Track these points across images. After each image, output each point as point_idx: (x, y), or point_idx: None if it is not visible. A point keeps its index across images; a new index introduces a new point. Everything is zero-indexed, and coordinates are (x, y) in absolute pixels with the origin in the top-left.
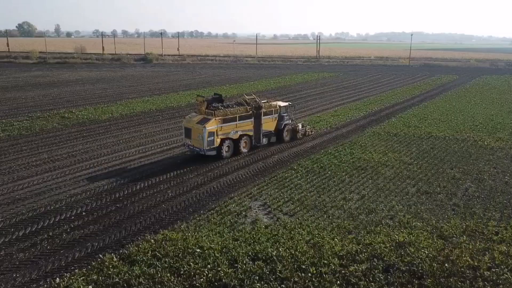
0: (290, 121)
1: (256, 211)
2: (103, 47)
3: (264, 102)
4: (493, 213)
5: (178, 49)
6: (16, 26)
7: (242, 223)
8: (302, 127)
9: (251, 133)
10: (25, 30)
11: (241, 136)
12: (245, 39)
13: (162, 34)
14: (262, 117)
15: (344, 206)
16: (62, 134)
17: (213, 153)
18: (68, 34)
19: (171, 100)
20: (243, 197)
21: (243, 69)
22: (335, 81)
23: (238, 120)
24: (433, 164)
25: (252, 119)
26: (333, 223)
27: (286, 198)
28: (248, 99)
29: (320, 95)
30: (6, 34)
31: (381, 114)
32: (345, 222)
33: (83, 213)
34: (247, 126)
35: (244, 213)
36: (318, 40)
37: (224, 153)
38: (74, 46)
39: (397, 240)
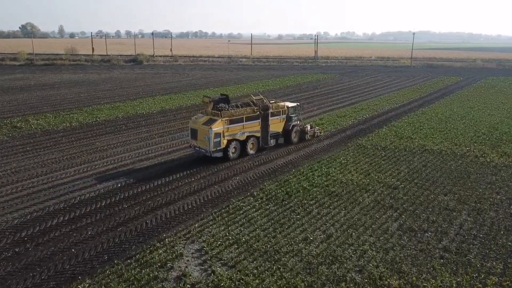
0: (298, 122)
1: (188, 260)
2: (92, 48)
3: (272, 103)
4: (494, 263)
5: (171, 50)
6: (19, 27)
7: (163, 280)
8: (310, 128)
9: (258, 134)
10: (28, 31)
11: (248, 137)
12: (248, 39)
13: (153, 34)
14: (270, 118)
15: (303, 251)
16: (3, 148)
17: (220, 154)
18: (72, 35)
19: (144, 106)
20: (178, 238)
21: (235, 71)
22: (329, 84)
23: (245, 121)
24: (423, 189)
25: (259, 120)
26: (282, 280)
27: (231, 240)
28: (255, 99)
29: (309, 100)
30: None
31: (372, 122)
32: (298, 277)
33: None
34: (254, 127)
35: (170, 263)
36: (316, 40)
37: (231, 155)
38: (64, 47)
39: None
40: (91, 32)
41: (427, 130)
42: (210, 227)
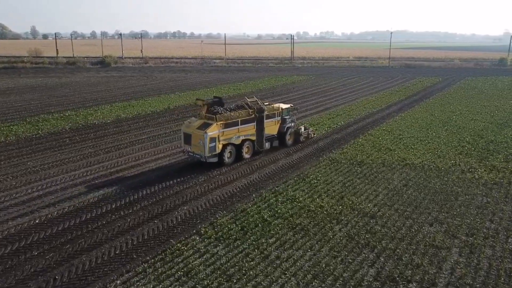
0: (292, 124)
1: None
2: (57, 50)
3: (266, 105)
4: None
5: (141, 51)
6: None
7: None
8: (304, 130)
9: (253, 138)
10: None
11: (243, 141)
12: (229, 39)
13: (121, 35)
14: (265, 121)
15: None
16: None
17: (215, 160)
18: (45, 36)
19: (98, 114)
20: None
21: (206, 73)
22: (304, 86)
23: (240, 124)
24: (405, 217)
25: (255, 123)
26: None
27: None
28: (249, 101)
29: None
30: None
31: (348, 130)
32: None
33: None
34: (250, 130)
35: None
36: (292, 40)
37: (226, 160)
38: (28, 48)
39: None
40: (55, 33)
41: (407, 140)
42: (137, 283)
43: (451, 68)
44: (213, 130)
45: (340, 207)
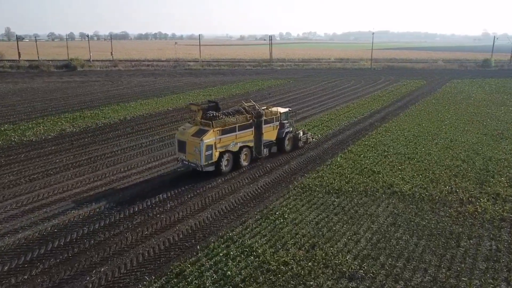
0: (291, 129)
1: None
2: (19, 53)
3: (264, 109)
4: None
5: (111, 53)
6: None
7: None
8: (303, 135)
9: (251, 144)
10: None
11: (241, 148)
12: (211, 41)
13: (89, 36)
14: (263, 126)
15: None
16: None
17: (211, 168)
18: (20, 38)
19: (39, 128)
20: None
21: (178, 76)
22: (281, 92)
23: (238, 130)
24: (394, 275)
25: (253, 129)
26: None
27: None
28: (247, 106)
29: None
30: None
31: (325, 145)
32: None
33: None
34: (248, 136)
35: None
36: (271, 42)
37: (224, 168)
38: None
39: None
40: (16, 35)
41: (393, 157)
42: None
43: (435, 69)
44: (210, 137)
45: (310, 263)
